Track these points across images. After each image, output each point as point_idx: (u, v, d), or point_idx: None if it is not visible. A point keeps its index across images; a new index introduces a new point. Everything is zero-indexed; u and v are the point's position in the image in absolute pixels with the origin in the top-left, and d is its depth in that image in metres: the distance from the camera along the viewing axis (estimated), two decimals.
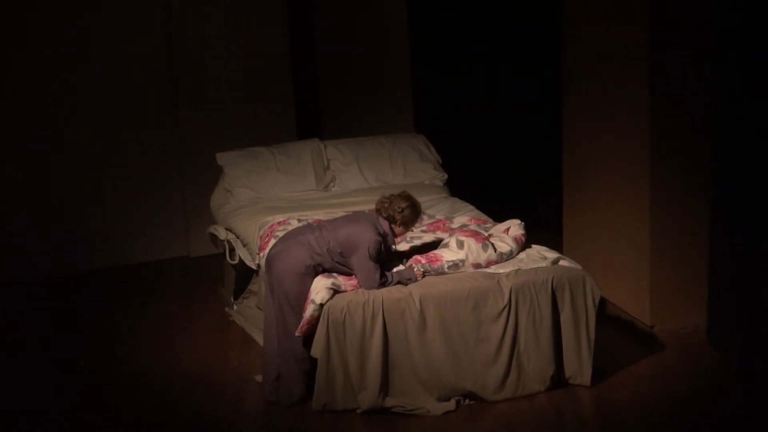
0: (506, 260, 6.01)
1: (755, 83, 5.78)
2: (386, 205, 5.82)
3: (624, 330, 6.69)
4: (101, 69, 8.11)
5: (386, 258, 5.86)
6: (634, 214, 6.65)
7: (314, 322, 5.64)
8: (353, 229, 5.76)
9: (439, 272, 5.85)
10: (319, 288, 5.64)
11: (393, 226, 5.82)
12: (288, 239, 5.86)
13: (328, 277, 5.72)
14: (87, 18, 8.02)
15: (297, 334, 5.69)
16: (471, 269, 5.89)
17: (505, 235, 6.17)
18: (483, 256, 5.93)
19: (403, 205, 5.80)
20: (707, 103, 6.34)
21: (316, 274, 5.77)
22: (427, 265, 5.83)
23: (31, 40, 7.90)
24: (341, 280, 5.72)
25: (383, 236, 5.77)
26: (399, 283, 5.76)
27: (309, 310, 5.62)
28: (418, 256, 5.91)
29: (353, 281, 5.74)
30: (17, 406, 5.98)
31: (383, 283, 5.73)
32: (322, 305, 5.61)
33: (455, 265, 5.87)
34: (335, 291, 5.65)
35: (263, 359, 5.95)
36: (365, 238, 5.70)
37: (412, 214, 5.83)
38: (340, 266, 5.79)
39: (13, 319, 7.38)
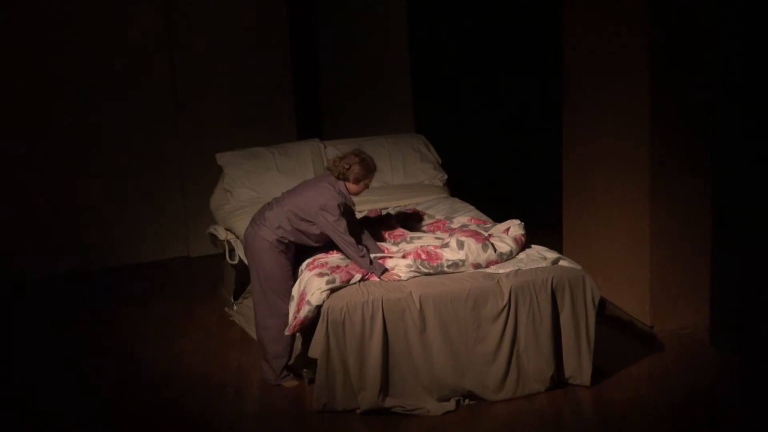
0: (506, 260, 6.01)
1: (755, 83, 5.78)
2: (337, 163, 5.92)
3: (624, 330, 6.69)
4: (102, 70, 8.10)
5: (349, 220, 5.92)
6: (634, 214, 6.64)
7: (307, 323, 5.64)
8: (311, 194, 5.88)
9: (439, 271, 5.85)
10: (314, 289, 5.65)
11: (347, 184, 5.90)
12: (255, 221, 6.01)
13: (321, 275, 5.72)
14: (88, 19, 8.01)
15: (286, 333, 5.74)
16: (471, 269, 5.89)
17: (504, 235, 6.17)
18: (483, 257, 5.93)
19: (352, 161, 5.88)
20: (707, 103, 6.33)
21: (286, 249, 5.91)
22: (427, 263, 5.83)
23: (29, 39, 7.90)
24: (334, 275, 5.73)
25: (342, 195, 5.86)
26: (368, 268, 5.81)
27: (303, 311, 5.62)
28: (418, 251, 5.91)
29: (343, 272, 5.75)
30: (17, 405, 5.98)
31: (361, 254, 5.79)
32: (318, 307, 5.61)
33: (455, 265, 5.87)
34: (331, 290, 5.66)
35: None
36: (324, 198, 5.82)
37: (363, 169, 5.89)
38: (303, 236, 5.91)
39: (13, 319, 7.38)
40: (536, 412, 5.68)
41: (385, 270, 5.82)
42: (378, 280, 5.80)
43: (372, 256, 5.89)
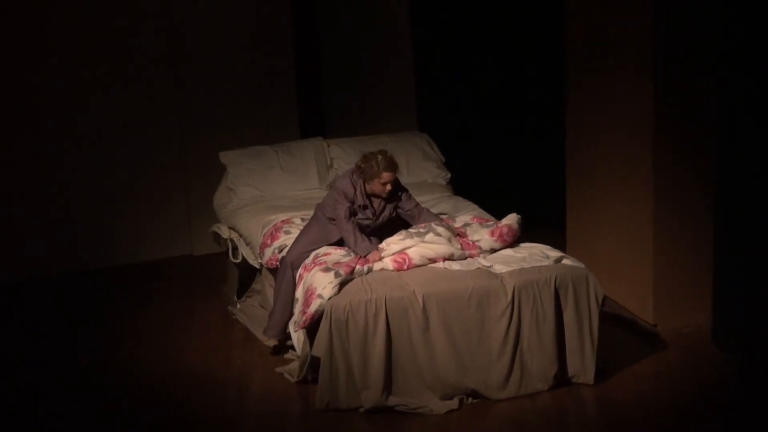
0: (485, 250, 6.08)
1: (758, 83, 5.77)
2: (360, 161, 6.13)
3: (627, 329, 6.69)
4: (105, 69, 8.11)
5: (359, 215, 6.12)
6: (638, 212, 6.64)
7: (317, 317, 5.65)
8: (337, 181, 6.23)
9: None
10: (325, 283, 5.67)
11: (363, 182, 6.09)
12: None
13: (326, 271, 5.75)
14: (90, 19, 8.02)
15: (295, 330, 5.76)
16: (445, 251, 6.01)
17: (479, 225, 6.33)
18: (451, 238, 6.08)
19: (369, 160, 6.06)
20: (710, 102, 6.33)
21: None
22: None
23: (30, 38, 7.91)
24: (338, 268, 5.75)
25: (352, 187, 6.07)
26: (353, 248, 6.00)
27: (314, 305, 5.63)
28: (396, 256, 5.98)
29: (344, 266, 5.80)
30: (18, 405, 5.98)
31: (354, 237, 5.99)
32: (330, 299, 5.63)
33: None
34: (340, 285, 5.68)
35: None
36: (338, 184, 6.12)
37: (371, 168, 6.04)
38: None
39: (14, 318, 7.38)
40: (539, 411, 5.68)
41: (371, 251, 5.97)
42: (373, 272, 5.89)
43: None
